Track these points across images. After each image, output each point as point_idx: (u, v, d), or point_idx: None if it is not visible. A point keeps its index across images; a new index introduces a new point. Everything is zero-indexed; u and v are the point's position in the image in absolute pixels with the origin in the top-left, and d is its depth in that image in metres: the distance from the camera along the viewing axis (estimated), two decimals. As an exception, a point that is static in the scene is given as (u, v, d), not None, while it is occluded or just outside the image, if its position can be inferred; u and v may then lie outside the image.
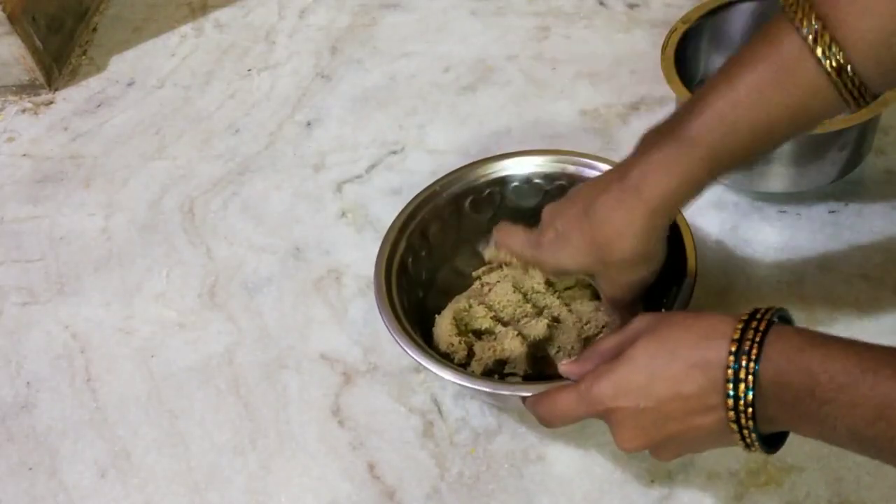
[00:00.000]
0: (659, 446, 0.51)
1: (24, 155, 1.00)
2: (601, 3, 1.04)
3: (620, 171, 0.56)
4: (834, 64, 0.48)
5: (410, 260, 0.71)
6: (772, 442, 0.49)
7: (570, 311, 0.69)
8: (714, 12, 0.82)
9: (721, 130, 0.52)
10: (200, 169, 0.94)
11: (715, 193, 0.81)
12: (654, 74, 0.83)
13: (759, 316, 0.47)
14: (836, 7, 0.48)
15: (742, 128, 0.52)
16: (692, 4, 0.83)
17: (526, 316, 0.69)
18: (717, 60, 0.87)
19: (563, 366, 0.56)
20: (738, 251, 0.76)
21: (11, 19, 0.99)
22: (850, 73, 0.48)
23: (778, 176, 0.77)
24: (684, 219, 0.67)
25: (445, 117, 0.95)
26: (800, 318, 0.70)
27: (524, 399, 0.58)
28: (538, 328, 0.67)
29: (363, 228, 0.84)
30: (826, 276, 0.74)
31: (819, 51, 0.48)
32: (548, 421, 0.56)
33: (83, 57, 1.11)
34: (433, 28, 1.06)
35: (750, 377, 0.45)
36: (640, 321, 0.52)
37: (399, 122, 0.95)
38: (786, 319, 0.49)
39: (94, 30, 1.15)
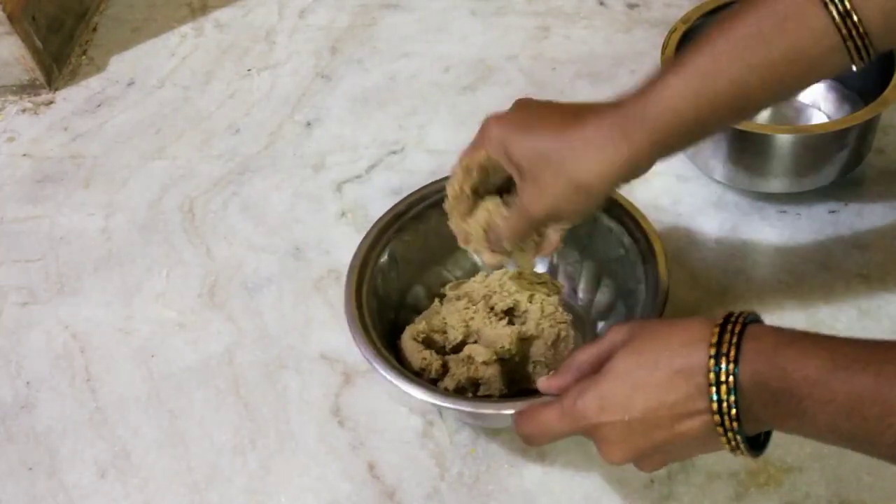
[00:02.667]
0: (645, 457, 0.51)
1: (24, 155, 1.00)
2: (601, 3, 1.04)
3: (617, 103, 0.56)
4: (840, 9, 0.48)
5: (380, 282, 0.70)
6: (758, 445, 0.49)
7: (530, 301, 0.69)
8: (714, 12, 0.82)
9: (721, 65, 0.52)
10: (200, 169, 0.94)
11: (715, 193, 0.81)
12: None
13: (733, 319, 0.47)
14: None
15: (741, 66, 0.52)
16: (692, 4, 0.83)
17: (487, 325, 0.68)
18: (717, 60, 0.87)
19: (542, 382, 0.56)
20: (738, 251, 0.76)
21: (11, 19, 0.99)
22: (856, 21, 0.48)
23: (778, 176, 0.77)
24: (652, 228, 0.67)
25: (445, 117, 0.95)
26: (800, 318, 0.71)
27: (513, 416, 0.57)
28: (503, 334, 0.66)
29: (363, 228, 0.84)
30: (826, 276, 0.74)
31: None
32: (532, 439, 0.55)
33: (83, 57, 1.11)
34: (433, 28, 1.06)
35: (731, 378, 0.45)
36: (617, 332, 0.52)
37: (399, 122, 0.95)
38: (758, 322, 0.49)
39: (94, 30, 1.15)
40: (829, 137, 0.73)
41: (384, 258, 0.70)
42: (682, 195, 0.81)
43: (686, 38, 0.81)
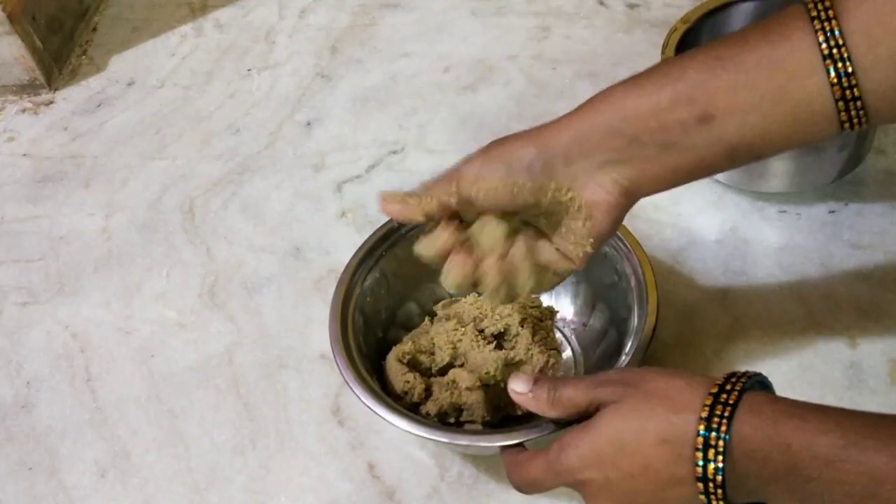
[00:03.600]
0: None
1: (24, 155, 1.00)
2: (601, 3, 1.04)
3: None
4: (841, 69, 0.45)
5: (368, 299, 0.69)
6: None
7: (521, 325, 0.68)
8: (714, 12, 0.82)
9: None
10: (200, 169, 0.94)
11: (715, 193, 0.81)
12: (654, 74, 0.83)
13: (728, 387, 0.45)
14: (850, 15, 0.45)
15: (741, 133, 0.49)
16: (692, 4, 0.83)
17: (474, 348, 0.67)
18: (717, 60, 0.87)
19: (519, 392, 0.54)
20: (738, 251, 0.76)
21: (11, 19, 0.99)
22: (853, 86, 0.45)
23: (778, 176, 0.77)
24: (645, 256, 0.65)
25: (445, 117, 0.95)
26: (799, 319, 0.71)
27: (503, 449, 0.57)
28: (489, 359, 0.65)
29: (363, 228, 0.84)
30: (826, 276, 0.74)
31: (829, 57, 0.45)
32: (522, 489, 0.54)
33: (83, 57, 1.11)
34: (433, 28, 1.06)
35: (719, 456, 0.44)
36: (607, 385, 0.50)
37: (399, 122, 0.95)
38: (763, 384, 0.48)
39: (94, 30, 1.15)
40: (830, 137, 0.73)
41: (374, 275, 0.69)
42: (682, 195, 0.81)
43: (686, 38, 0.80)
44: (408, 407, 0.64)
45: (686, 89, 0.48)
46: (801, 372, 0.68)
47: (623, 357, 0.61)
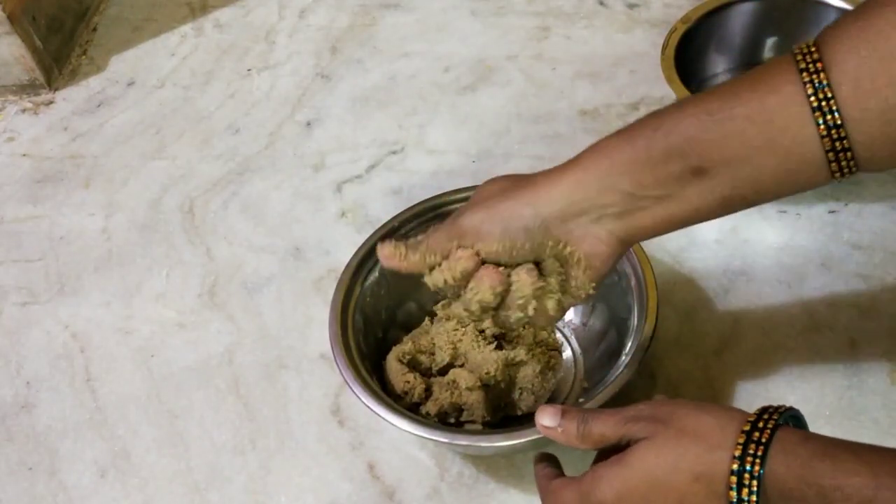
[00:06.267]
0: None
1: (24, 155, 1.00)
2: (601, 3, 1.04)
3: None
4: (830, 121, 0.46)
5: (368, 299, 0.69)
6: None
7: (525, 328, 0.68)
8: (714, 12, 0.82)
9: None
10: (200, 169, 0.94)
11: (715, 193, 0.81)
12: (654, 74, 0.83)
13: (761, 424, 0.45)
14: (839, 68, 0.46)
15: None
16: (692, 4, 0.83)
17: (475, 348, 0.67)
18: (717, 60, 0.87)
19: (545, 421, 0.54)
20: (737, 251, 0.76)
21: (11, 19, 0.99)
22: (843, 137, 0.46)
23: (778, 176, 0.77)
24: (646, 256, 0.65)
25: (445, 117, 0.95)
26: (800, 318, 0.71)
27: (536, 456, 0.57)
28: (490, 360, 0.65)
29: (363, 228, 0.84)
30: (826, 276, 0.74)
31: (818, 109, 0.46)
32: None
33: (83, 57, 1.11)
34: (433, 28, 1.06)
35: (753, 496, 0.44)
36: (638, 420, 0.50)
37: (399, 122, 0.95)
38: (796, 418, 0.48)
39: (94, 30, 1.15)
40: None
41: (374, 275, 0.69)
42: (682, 195, 0.81)
43: (686, 38, 0.81)
44: (408, 407, 0.64)
45: (678, 143, 0.49)
46: (801, 372, 0.68)
47: (623, 357, 0.61)
